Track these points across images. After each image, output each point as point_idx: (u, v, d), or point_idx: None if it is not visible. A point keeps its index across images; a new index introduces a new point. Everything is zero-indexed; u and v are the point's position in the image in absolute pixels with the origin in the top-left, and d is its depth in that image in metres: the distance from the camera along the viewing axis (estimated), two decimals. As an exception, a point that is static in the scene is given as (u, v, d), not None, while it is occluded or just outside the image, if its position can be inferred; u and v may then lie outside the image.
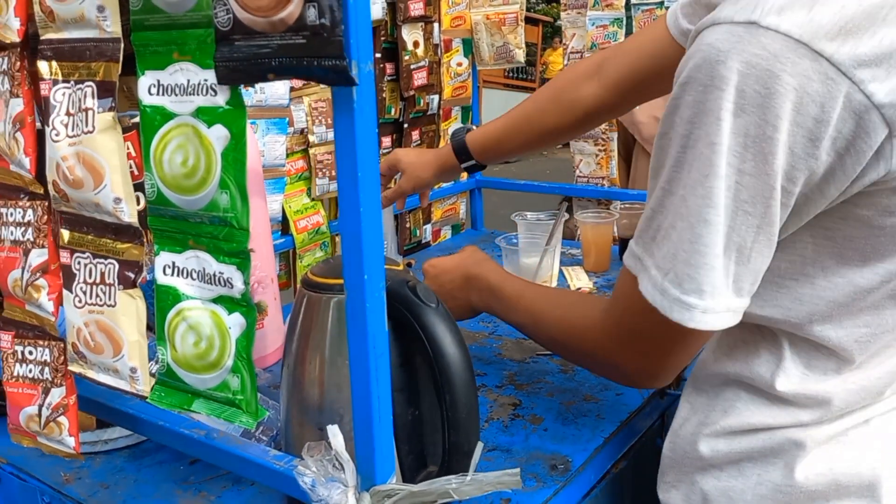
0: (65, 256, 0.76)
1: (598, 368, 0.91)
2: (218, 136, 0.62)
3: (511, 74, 11.28)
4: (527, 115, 1.27)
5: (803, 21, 0.58)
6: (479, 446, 0.71)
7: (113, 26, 0.67)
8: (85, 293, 0.74)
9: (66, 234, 0.75)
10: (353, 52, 0.57)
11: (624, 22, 2.04)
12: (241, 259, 0.64)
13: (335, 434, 0.68)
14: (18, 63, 0.74)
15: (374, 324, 0.63)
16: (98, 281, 0.73)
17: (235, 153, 0.62)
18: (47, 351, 0.81)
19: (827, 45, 0.58)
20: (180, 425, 0.79)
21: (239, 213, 0.63)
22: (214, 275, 0.65)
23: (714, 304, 0.67)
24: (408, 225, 1.98)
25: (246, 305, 0.64)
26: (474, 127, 1.35)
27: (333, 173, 1.67)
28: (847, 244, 0.68)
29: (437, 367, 0.77)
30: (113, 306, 0.72)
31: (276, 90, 1.49)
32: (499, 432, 1.04)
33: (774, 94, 0.59)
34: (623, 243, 1.78)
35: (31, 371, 0.82)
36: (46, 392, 0.81)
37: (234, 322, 0.65)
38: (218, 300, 0.66)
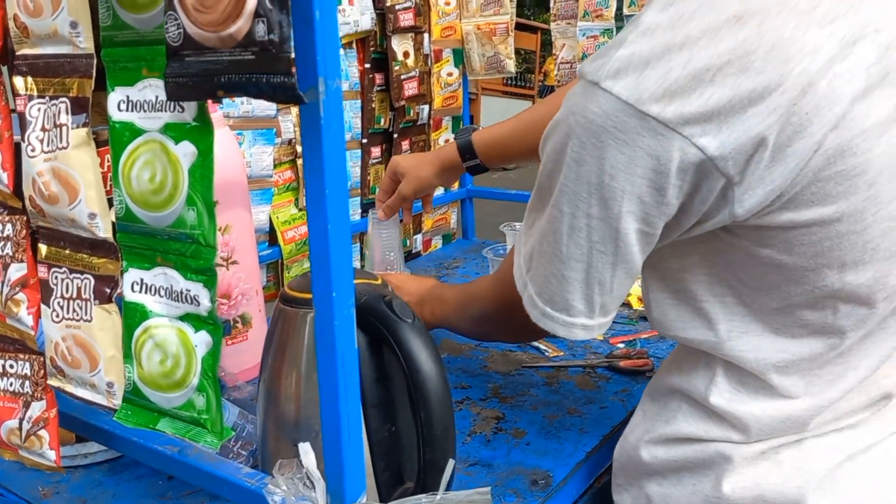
0: (42, 271, 0.75)
1: (490, 330, 1.03)
2: (185, 152, 0.62)
3: (510, 82, 11.28)
4: (539, 121, 1.23)
5: (632, 85, 0.64)
6: (451, 464, 0.70)
7: (86, 42, 0.67)
8: (62, 308, 0.74)
9: (43, 248, 0.75)
10: (321, 68, 0.57)
11: (614, 32, 2.03)
12: (208, 276, 0.63)
13: (307, 452, 0.68)
14: None
15: (342, 341, 0.62)
16: (74, 296, 0.73)
17: (202, 170, 0.62)
18: (27, 364, 0.80)
19: (653, 106, 0.63)
20: (154, 441, 0.79)
21: (206, 230, 0.62)
22: (181, 292, 0.64)
23: (554, 314, 0.77)
24: (398, 235, 1.98)
25: (213, 323, 0.64)
26: (479, 127, 1.32)
27: (322, 184, 1.67)
28: (741, 270, 0.72)
29: (412, 382, 0.77)
30: (89, 321, 0.72)
31: (263, 101, 1.48)
32: (481, 446, 1.03)
33: (607, 147, 0.65)
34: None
35: (11, 384, 0.82)
36: (27, 405, 0.81)
37: (201, 340, 0.65)
38: (185, 318, 0.65)
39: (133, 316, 0.67)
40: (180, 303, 0.65)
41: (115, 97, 0.64)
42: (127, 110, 0.63)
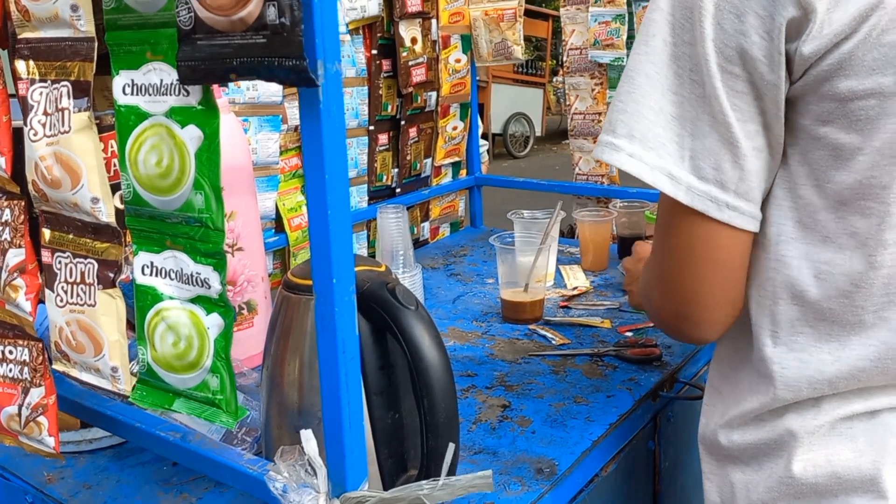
0: (46, 256, 0.75)
1: (661, 326, 0.87)
2: (191, 136, 0.62)
3: (520, 70, 11.22)
4: None
5: None
6: (451, 448, 0.70)
7: (87, 25, 0.67)
8: (66, 292, 0.74)
9: (47, 233, 0.75)
10: (319, 51, 0.56)
11: (626, 18, 2.02)
12: (218, 259, 0.64)
13: (308, 438, 0.67)
14: None
15: (343, 328, 0.62)
16: (78, 280, 0.73)
17: (209, 154, 0.62)
18: (26, 351, 0.81)
19: None
20: (157, 427, 0.79)
21: (214, 214, 0.63)
22: (192, 275, 0.65)
23: (643, 153, 0.70)
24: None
25: (224, 306, 0.64)
26: None
27: (329, 171, 1.66)
28: (801, 162, 0.70)
29: (415, 370, 0.76)
30: (93, 306, 0.72)
31: (269, 87, 1.48)
32: (486, 434, 1.03)
33: None
34: (622, 242, 1.76)
35: (11, 370, 0.82)
36: (26, 392, 0.81)
37: (213, 322, 0.65)
38: (196, 300, 0.66)
39: (145, 298, 0.68)
40: (191, 286, 0.65)
41: (120, 81, 0.64)
42: (132, 94, 0.63)
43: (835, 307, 0.71)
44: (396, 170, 1.93)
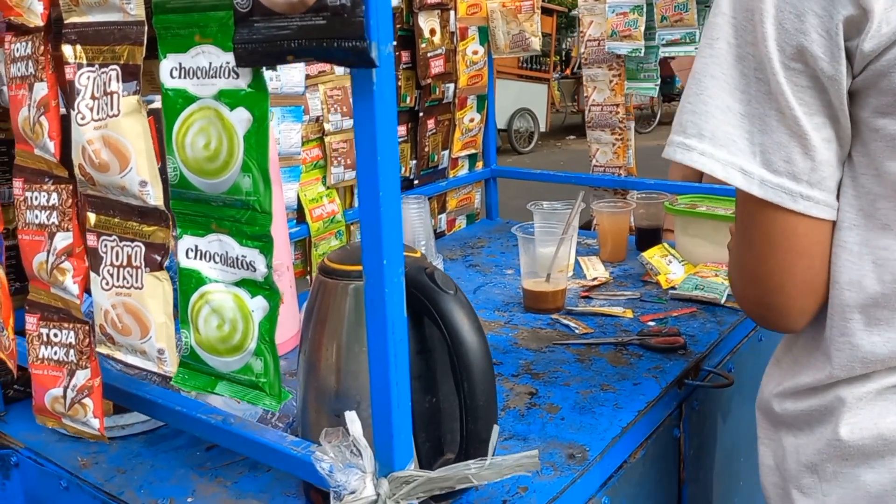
0: (91, 239, 0.76)
1: (748, 314, 0.88)
2: (240, 119, 0.62)
3: (525, 65, 11.19)
4: None
5: None
6: (496, 429, 0.71)
7: (136, 9, 0.67)
8: (112, 276, 0.75)
9: (92, 217, 0.75)
10: (374, 33, 0.56)
11: (644, 9, 2.01)
12: (264, 242, 0.64)
13: (353, 420, 0.68)
14: (42, 47, 0.74)
15: (392, 309, 0.63)
16: (125, 263, 0.74)
17: (258, 136, 0.62)
18: (72, 333, 0.81)
19: None
20: (197, 411, 0.79)
21: (261, 197, 0.63)
22: (237, 258, 0.65)
23: (714, 151, 0.72)
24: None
25: (269, 289, 0.65)
26: None
27: (349, 161, 1.67)
28: (862, 154, 0.72)
29: (454, 354, 0.77)
30: (140, 288, 0.73)
31: (291, 78, 1.48)
32: (515, 421, 1.03)
33: None
34: (640, 233, 1.77)
35: (56, 353, 0.83)
36: (71, 374, 0.82)
37: (257, 305, 0.65)
38: (241, 283, 0.66)
39: (188, 282, 0.68)
40: (236, 269, 0.65)
41: (168, 64, 0.64)
42: (180, 77, 0.63)
43: (889, 292, 0.72)
44: (414, 161, 1.94)
